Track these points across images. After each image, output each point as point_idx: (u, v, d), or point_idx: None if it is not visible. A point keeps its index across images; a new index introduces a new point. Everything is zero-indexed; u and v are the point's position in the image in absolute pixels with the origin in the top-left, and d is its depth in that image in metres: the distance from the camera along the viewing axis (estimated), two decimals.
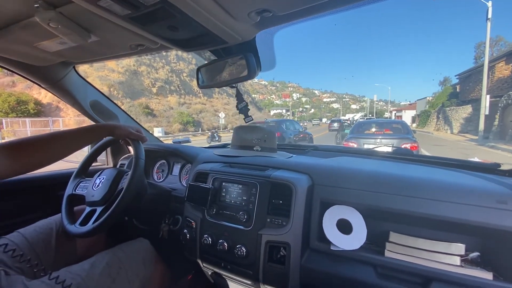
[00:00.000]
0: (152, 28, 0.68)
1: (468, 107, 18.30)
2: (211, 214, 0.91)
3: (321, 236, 0.78)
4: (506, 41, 27.00)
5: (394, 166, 0.96)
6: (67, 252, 0.91)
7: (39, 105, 18.00)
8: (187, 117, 25.69)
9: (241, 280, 0.86)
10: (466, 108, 18.53)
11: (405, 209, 0.70)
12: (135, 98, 24.44)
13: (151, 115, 24.05)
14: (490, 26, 12.20)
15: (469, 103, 18.62)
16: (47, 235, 0.88)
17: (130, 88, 24.38)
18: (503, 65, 15.25)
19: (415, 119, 30.85)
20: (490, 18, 12.05)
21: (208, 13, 0.60)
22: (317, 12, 0.62)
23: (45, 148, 0.74)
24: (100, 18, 0.63)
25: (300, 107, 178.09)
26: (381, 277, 0.69)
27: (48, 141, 0.75)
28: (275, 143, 1.12)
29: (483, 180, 0.76)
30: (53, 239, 0.88)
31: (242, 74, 0.84)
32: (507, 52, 15.44)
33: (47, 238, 0.87)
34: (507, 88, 14.14)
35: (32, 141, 0.72)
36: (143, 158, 0.91)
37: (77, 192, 0.99)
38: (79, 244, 0.96)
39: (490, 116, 13.04)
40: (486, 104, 11.97)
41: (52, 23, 0.66)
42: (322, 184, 0.83)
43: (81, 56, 1.00)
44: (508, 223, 0.61)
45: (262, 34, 0.77)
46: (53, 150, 0.75)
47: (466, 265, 0.65)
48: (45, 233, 0.87)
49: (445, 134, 18.97)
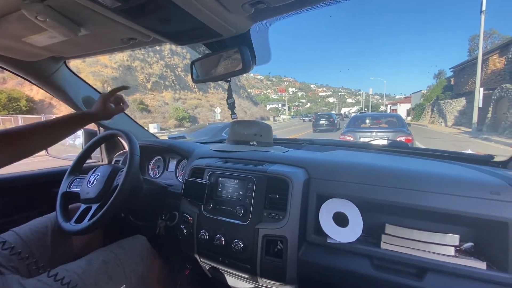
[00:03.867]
0: (143, 21, 0.67)
1: (462, 100, 18.38)
2: (208, 210, 0.91)
3: (317, 229, 0.79)
4: (499, 34, 27.21)
5: (389, 159, 0.97)
6: (64, 250, 0.91)
7: (32, 102, 17.64)
8: (182, 113, 25.38)
9: (239, 274, 0.87)
10: (460, 101, 18.61)
11: (401, 201, 0.71)
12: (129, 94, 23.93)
13: (146, 111, 23.76)
14: (484, 19, 12.23)
15: (463, 95, 18.65)
16: (43, 233, 0.87)
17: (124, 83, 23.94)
18: (497, 57, 15.32)
19: (410, 112, 30.96)
20: (484, 11, 12.05)
21: (201, 4, 0.59)
22: (311, 4, 0.61)
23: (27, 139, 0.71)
24: (89, 11, 0.62)
25: (296, 102, 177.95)
26: (377, 268, 0.70)
27: (30, 131, 0.73)
28: (271, 138, 1.12)
29: (477, 171, 0.77)
30: (49, 238, 0.87)
31: (237, 67, 0.83)
32: (500, 45, 15.51)
33: (43, 237, 0.86)
34: (500, 81, 14.23)
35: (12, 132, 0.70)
36: (138, 154, 0.91)
37: (71, 189, 0.97)
38: (76, 242, 0.95)
39: (484, 108, 13.11)
40: (480, 97, 12.04)
41: (40, 17, 0.64)
42: (318, 178, 0.83)
43: (71, 51, 0.97)
44: (500, 214, 0.62)
45: (256, 27, 0.75)
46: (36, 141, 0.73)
47: (461, 255, 0.66)
48: (40, 232, 0.86)
49: (440, 127, 19.00)
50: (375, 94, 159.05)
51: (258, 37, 0.80)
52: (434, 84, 29.97)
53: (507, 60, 14.18)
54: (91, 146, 1.06)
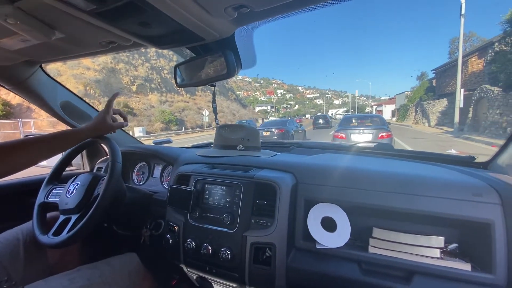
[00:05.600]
0: (122, 24, 0.64)
1: (444, 101, 18.88)
2: (194, 218, 0.88)
3: (306, 235, 0.78)
4: (478, 36, 28.08)
5: (375, 162, 0.98)
6: (38, 263, 0.86)
7: (8, 106, 16.82)
8: (169, 116, 24.83)
9: (227, 283, 0.84)
10: (442, 102, 19.10)
11: (386, 204, 0.71)
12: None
13: (131, 114, 23.10)
14: (464, 22, 12.59)
15: (444, 96, 19.13)
16: (14, 246, 0.82)
17: (107, 86, 23.17)
18: (476, 59, 15.74)
19: (395, 113, 31.66)
20: (463, 14, 12.42)
21: (182, 8, 0.57)
22: (295, 9, 0.60)
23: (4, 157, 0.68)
24: (63, 14, 0.58)
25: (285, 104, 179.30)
26: (365, 273, 0.70)
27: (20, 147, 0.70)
28: (258, 142, 1.11)
29: (459, 173, 0.78)
30: (21, 250, 0.82)
31: (222, 72, 0.81)
32: (479, 47, 15.95)
33: (15, 250, 0.81)
34: (479, 82, 14.60)
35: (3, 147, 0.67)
36: (120, 161, 0.87)
37: (49, 200, 0.92)
38: (50, 253, 0.90)
39: (465, 109, 13.32)
40: (461, 98, 12.26)
41: (10, 19, 0.60)
42: (306, 183, 0.82)
43: (47, 54, 0.92)
44: (483, 215, 0.63)
45: (241, 31, 0.74)
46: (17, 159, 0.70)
47: (446, 257, 0.67)
48: (11, 245, 0.81)
49: (423, 127, 19.41)
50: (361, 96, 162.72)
51: (242, 41, 0.79)
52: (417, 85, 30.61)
53: (485, 61, 14.49)
54: (71, 153, 1.01)
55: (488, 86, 12.58)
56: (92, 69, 23.48)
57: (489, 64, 13.54)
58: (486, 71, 14.28)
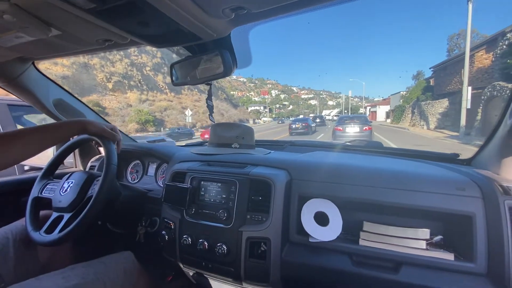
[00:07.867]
0: (120, 23, 0.65)
1: (444, 101, 16.75)
2: (190, 214, 0.89)
3: (300, 229, 0.81)
4: (478, 33, 26.62)
5: (365, 159, 1.02)
6: (29, 261, 0.85)
7: None
8: (146, 116, 22.98)
9: (223, 278, 0.86)
10: (442, 102, 16.94)
11: (376, 199, 0.75)
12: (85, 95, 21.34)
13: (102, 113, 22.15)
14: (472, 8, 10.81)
15: (445, 96, 17.00)
16: (3, 245, 0.81)
17: (77, 83, 21.30)
18: (483, 53, 13.16)
19: (390, 114, 29.62)
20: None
21: (181, 8, 0.58)
22: (291, 11, 0.62)
23: (6, 148, 0.67)
24: (61, 11, 0.59)
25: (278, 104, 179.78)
26: (356, 264, 0.73)
27: (10, 139, 0.69)
28: (253, 140, 1.13)
29: (444, 169, 0.82)
30: (11, 249, 0.81)
31: (217, 71, 0.82)
32: (488, 39, 13.25)
33: (4, 249, 0.80)
34: (488, 79, 12.21)
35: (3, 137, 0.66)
36: (115, 163, 0.86)
37: (43, 195, 0.92)
38: (41, 251, 0.89)
39: (472, 110, 11.37)
40: (468, 97, 10.54)
41: (6, 16, 0.60)
42: (300, 179, 0.85)
43: (41, 51, 0.92)
44: (465, 208, 0.67)
45: (237, 31, 0.76)
46: (16, 150, 0.69)
47: (431, 248, 0.71)
48: (0, 244, 0.80)
49: (421, 130, 17.41)
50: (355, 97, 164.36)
51: (239, 41, 0.80)
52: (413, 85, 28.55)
53: (495, 55, 12.09)
54: (65, 151, 0.99)
55: (503, 82, 10.39)
56: (60, 64, 21.58)
57: (501, 58, 11.40)
58: (496, 66, 11.90)
